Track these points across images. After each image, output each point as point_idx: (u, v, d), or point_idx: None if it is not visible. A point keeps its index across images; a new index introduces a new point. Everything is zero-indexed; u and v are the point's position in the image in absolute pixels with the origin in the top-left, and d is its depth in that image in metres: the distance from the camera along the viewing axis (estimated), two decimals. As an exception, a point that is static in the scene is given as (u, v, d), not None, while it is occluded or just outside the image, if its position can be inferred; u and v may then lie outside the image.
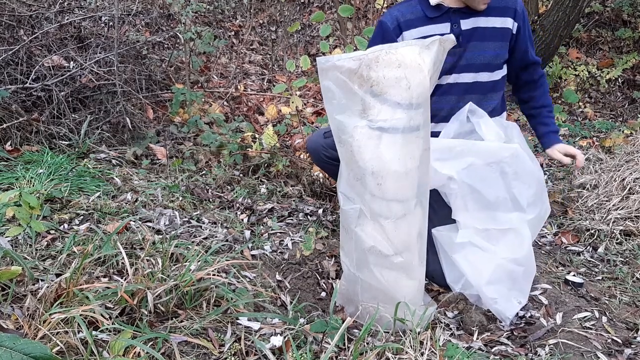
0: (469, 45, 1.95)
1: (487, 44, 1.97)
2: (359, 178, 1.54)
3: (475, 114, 1.88)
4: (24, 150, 2.52)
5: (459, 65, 1.96)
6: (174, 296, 1.49)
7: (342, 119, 1.50)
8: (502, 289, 1.79)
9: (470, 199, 1.82)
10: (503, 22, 1.97)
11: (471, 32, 1.94)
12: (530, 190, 1.81)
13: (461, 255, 1.83)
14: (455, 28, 1.92)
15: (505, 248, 1.81)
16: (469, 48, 1.95)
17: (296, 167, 2.80)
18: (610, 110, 4.56)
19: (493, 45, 1.97)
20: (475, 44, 1.95)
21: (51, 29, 3.09)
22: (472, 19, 1.94)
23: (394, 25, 1.93)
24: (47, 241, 1.81)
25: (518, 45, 2.03)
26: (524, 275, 1.82)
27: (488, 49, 1.97)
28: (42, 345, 1.07)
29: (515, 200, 1.80)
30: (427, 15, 1.92)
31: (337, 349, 1.49)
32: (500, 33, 1.97)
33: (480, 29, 1.95)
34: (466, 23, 1.94)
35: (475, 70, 1.97)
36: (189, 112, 3.18)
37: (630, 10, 4.85)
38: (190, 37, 3.31)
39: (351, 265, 1.68)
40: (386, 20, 1.95)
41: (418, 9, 1.94)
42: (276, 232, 2.20)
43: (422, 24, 1.93)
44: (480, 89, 1.99)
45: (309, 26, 5.25)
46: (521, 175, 1.80)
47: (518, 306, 1.80)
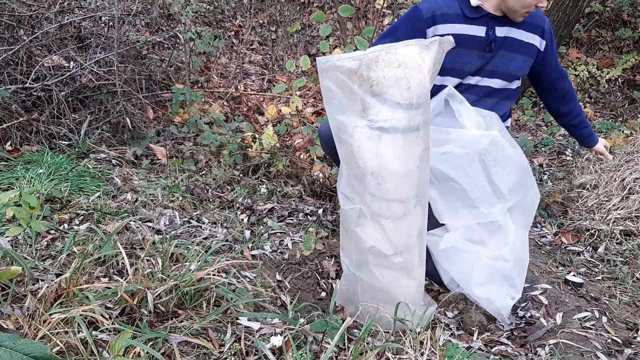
0: (498, 53, 2.00)
1: (514, 55, 2.02)
2: (359, 178, 1.54)
3: (455, 99, 1.87)
4: (24, 150, 2.52)
5: (484, 70, 2.01)
6: (174, 296, 1.49)
7: (342, 118, 1.50)
8: (492, 288, 1.78)
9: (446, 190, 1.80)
10: (531, 38, 2.03)
11: (503, 40, 1.99)
12: (511, 177, 1.79)
13: (448, 261, 1.83)
14: (490, 34, 1.96)
15: (489, 246, 1.80)
16: (498, 55, 2.00)
17: (296, 167, 2.80)
18: (610, 110, 4.56)
19: (519, 58, 2.03)
20: (504, 52, 2.01)
21: (51, 29, 3.09)
22: (506, 28, 1.99)
23: (428, 15, 1.94)
24: (47, 241, 1.81)
25: (547, 61, 2.10)
26: (513, 269, 1.80)
27: (514, 60, 2.03)
28: (42, 345, 1.07)
29: (496, 188, 1.78)
30: (465, 15, 1.94)
31: (337, 349, 1.49)
32: (526, 47, 2.03)
33: (510, 39, 2.00)
34: (500, 30, 1.98)
35: (498, 77, 2.03)
36: (189, 112, 3.18)
37: (630, 10, 4.85)
38: (190, 37, 3.31)
39: (351, 266, 1.68)
40: (422, 7, 1.95)
41: (457, 6, 1.95)
42: (276, 232, 2.20)
43: (459, 21, 1.94)
44: (498, 95, 2.06)
45: (309, 26, 5.26)
46: (501, 162, 1.78)
47: (511, 302, 1.79)
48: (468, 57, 1.97)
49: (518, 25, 1.99)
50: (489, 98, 2.04)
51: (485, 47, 1.97)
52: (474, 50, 1.96)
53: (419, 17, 1.94)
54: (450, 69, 1.97)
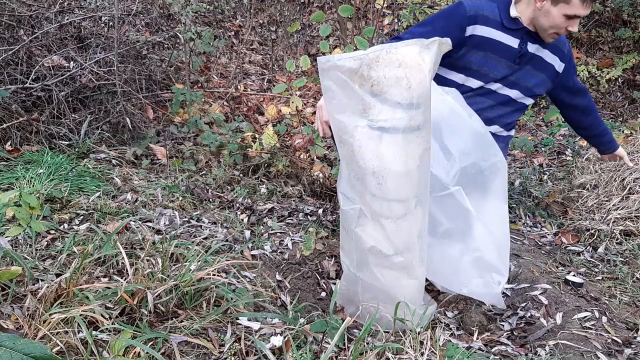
0: (525, 67, 2.06)
1: (536, 73, 2.08)
2: (360, 178, 1.54)
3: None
4: (24, 150, 2.52)
5: (508, 80, 2.06)
6: (174, 296, 1.49)
7: (343, 118, 1.50)
8: (477, 282, 1.78)
9: None
10: (552, 59, 2.09)
11: (532, 56, 2.05)
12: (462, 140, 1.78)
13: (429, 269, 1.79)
14: (522, 47, 2.02)
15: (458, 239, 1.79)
16: (524, 69, 2.06)
17: (296, 167, 2.80)
18: (611, 110, 4.56)
19: (540, 76, 2.10)
20: (529, 68, 2.07)
21: (51, 29, 3.09)
22: (537, 46, 2.05)
23: (472, 13, 1.97)
24: (47, 241, 1.81)
25: (563, 82, 2.18)
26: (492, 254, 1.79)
27: (536, 77, 2.09)
28: (42, 345, 1.07)
29: (446, 149, 1.76)
30: (503, 23, 1.99)
31: (337, 349, 1.49)
32: (547, 67, 2.10)
33: (537, 57, 2.06)
34: (532, 47, 2.04)
35: (518, 89, 2.09)
36: (189, 112, 3.18)
37: (630, 10, 4.85)
38: (190, 37, 3.31)
39: (351, 266, 1.68)
40: (467, 5, 1.98)
41: (497, 13, 1.99)
42: (276, 232, 2.20)
43: (496, 27, 1.99)
44: (513, 106, 2.13)
45: (309, 26, 5.26)
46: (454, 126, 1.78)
47: (499, 287, 1.78)
48: (497, 65, 2.02)
49: (547, 46, 2.06)
50: (504, 106, 2.11)
51: (515, 58, 2.03)
52: (504, 59, 2.02)
53: (462, 13, 1.97)
54: (476, 71, 2.03)
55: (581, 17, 1.92)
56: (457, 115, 1.78)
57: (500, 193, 1.83)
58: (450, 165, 1.76)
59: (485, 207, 1.80)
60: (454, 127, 1.78)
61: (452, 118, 1.78)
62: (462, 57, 2.01)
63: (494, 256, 1.79)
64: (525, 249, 2.27)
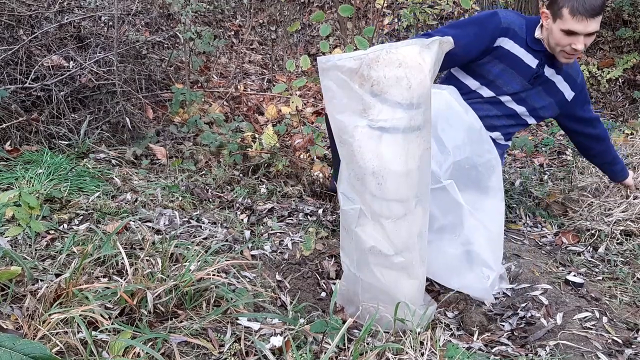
0: (537, 89, 2.10)
1: (546, 96, 2.13)
2: (360, 178, 1.54)
3: None
4: (23, 150, 2.52)
5: (518, 96, 2.09)
6: (173, 296, 1.49)
7: (343, 118, 1.50)
8: (465, 275, 1.79)
9: None
10: (564, 87, 2.13)
11: (547, 81, 2.09)
12: (458, 135, 1.78)
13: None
14: (540, 68, 2.05)
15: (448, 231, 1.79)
16: (536, 91, 2.10)
17: (296, 167, 2.79)
18: (611, 110, 4.56)
19: (548, 100, 2.14)
20: (540, 90, 2.11)
21: (51, 29, 3.09)
22: (552, 70, 2.09)
23: (504, 26, 2.00)
24: (47, 241, 1.81)
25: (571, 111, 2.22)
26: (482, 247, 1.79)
27: (543, 100, 2.13)
28: (42, 346, 1.07)
29: (441, 142, 1.77)
30: (527, 42, 2.02)
31: (337, 349, 1.48)
32: (557, 93, 2.14)
33: (553, 85, 2.11)
34: (548, 70, 2.08)
35: (525, 106, 2.13)
36: (189, 112, 3.18)
37: (630, 10, 4.85)
38: (190, 37, 3.31)
39: (351, 266, 1.68)
40: (502, 16, 2.01)
41: (524, 30, 2.03)
42: (276, 232, 2.20)
43: (521, 45, 2.03)
44: (516, 120, 2.17)
45: (309, 26, 5.25)
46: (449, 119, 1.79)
47: (488, 280, 1.79)
48: (512, 80, 2.05)
49: (562, 74, 2.10)
50: (509, 118, 2.14)
51: (531, 78, 2.06)
52: (520, 77, 2.05)
53: (497, 24, 1.99)
54: (492, 82, 2.06)
55: (582, 34, 1.90)
56: (453, 110, 1.80)
57: (496, 190, 1.83)
58: (444, 159, 1.77)
59: (480, 203, 1.81)
60: (449, 121, 1.79)
61: (447, 112, 1.79)
62: (483, 66, 2.03)
63: (486, 251, 1.80)
64: (526, 249, 2.27)
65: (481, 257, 1.80)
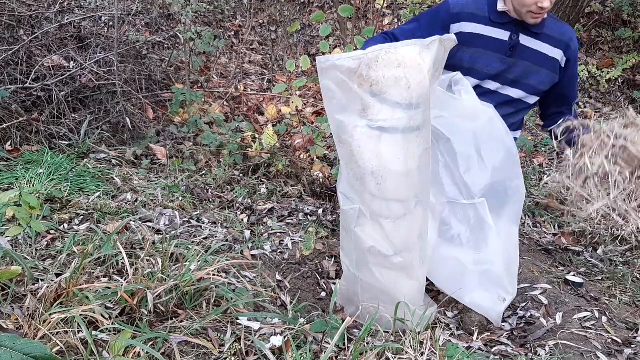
0: (521, 62, 2.00)
1: (537, 68, 2.02)
2: (359, 178, 1.54)
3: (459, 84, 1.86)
4: (24, 150, 2.52)
5: (506, 78, 2.01)
6: (174, 296, 1.49)
7: (342, 118, 1.50)
8: (482, 294, 1.77)
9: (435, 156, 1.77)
10: (554, 53, 2.03)
11: (527, 50, 2.00)
12: (498, 155, 1.77)
13: (432, 269, 1.80)
14: (514, 39, 1.98)
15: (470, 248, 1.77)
16: (520, 65, 2.00)
17: (296, 167, 2.80)
18: (611, 110, 4.56)
19: (542, 72, 2.03)
20: (528, 64, 2.01)
21: (51, 29, 3.09)
22: (531, 39, 2.00)
23: (456, 10, 1.97)
24: (47, 241, 1.81)
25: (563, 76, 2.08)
26: (501, 269, 1.78)
27: (538, 74, 2.03)
28: (42, 345, 1.07)
29: (481, 161, 1.76)
30: (490, 18, 1.97)
31: (337, 349, 1.49)
32: (549, 62, 2.03)
33: (536, 52, 2.00)
34: (525, 39, 1.99)
35: (519, 87, 2.03)
36: (189, 112, 3.18)
37: (630, 10, 4.85)
38: (190, 37, 3.31)
39: (351, 266, 1.68)
40: (452, 2, 1.99)
41: (484, 8, 1.98)
42: (276, 232, 2.20)
43: (484, 23, 1.97)
44: (515, 106, 2.07)
45: (309, 26, 5.25)
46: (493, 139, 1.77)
47: (503, 304, 1.78)
48: (489, 60, 1.99)
49: (543, 39, 2.01)
50: (506, 107, 2.06)
51: (507, 50, 1.99)
52: (497, 54, 1.98)
53: (446, 10, 1.98)
54: (469, 69, 2.00)
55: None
56: (496, 129, 1.78)
57: (516, 216, 1.83)
58: (482, 177, 1.75)
59: (503, 226, 1.80)
60: (491, 140, 1.77)
61: (491, 131, 1.77)
62: (453, 56, 1.97)
63: (505, 273, 1.79)
64: (525, 249, 2.27)
65: (499, 278, 1.78)
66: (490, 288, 1.78)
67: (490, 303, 1.76)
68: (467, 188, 1.74)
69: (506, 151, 1.79)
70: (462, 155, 1.75)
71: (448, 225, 1.79)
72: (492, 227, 1.75)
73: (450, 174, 1.77)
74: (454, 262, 1.78)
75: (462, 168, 1.75)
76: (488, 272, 1.77)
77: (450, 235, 1.79)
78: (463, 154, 1.75)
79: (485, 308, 1.76)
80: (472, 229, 1.77)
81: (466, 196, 1.75)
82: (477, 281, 1.77)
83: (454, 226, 1.78)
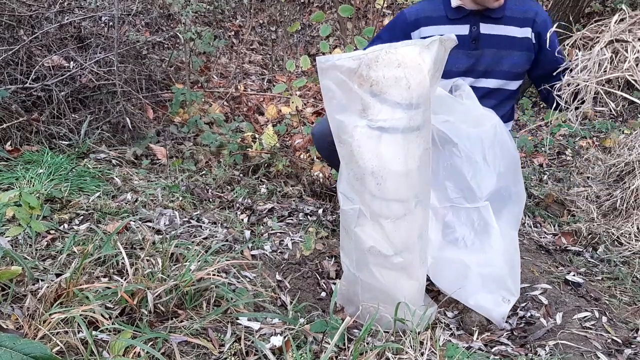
0: (487, 51, 1.98)
1: (507, 52, 1.99)
2: (359, 178, 1.54)
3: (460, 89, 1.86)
4: (24, 150, 2.52)
5: (477, 70, 1.99)
6: (174, 296, 1.49)
7: (342, 118, 1.50)
8: (486, 296, 1.77)
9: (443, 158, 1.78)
10: (523, 33, 1.99)
11: (490, 37, 1.97)
12: (503, 161, 1.78)
13: (436, 271, 1.80)
14: (474, 30, 1.95)
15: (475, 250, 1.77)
16: (488, 54, 1.98)
17: (296, 167, 2.80)
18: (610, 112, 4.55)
19: (514, 54, 2.00)
20: (495, 51, 1.98)
21: (51, 29, 3.09)
22: (492, 25, 1.97)
23: (412, 18, 1.97)
24: (47, 241, 1.81)
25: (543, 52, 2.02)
26: (505, 271, 1.78)
27: (508, 57, 2.00)
28: (42, 345, 1.07)
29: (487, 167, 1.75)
30: (447, 16, 1.96)
31: (337, 349, 1.49)
32: (518, 43, 2.00)
33: (501, 37, 1.97)
34: (486, 27, 1.96)
35: (494, 76, 2.01)
36: (189, 112, 3.18)
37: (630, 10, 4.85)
38: (190, 37, 3.31)
39: (351, 266, 1.68)
40: (407, 12, 1.99)
41: (440, 7, 1.97)
42: (276, 232, 2.20)
43: (442, 23, 1.97)
44: (496, 96, 2.04)
45: (309, 26, 5.26)
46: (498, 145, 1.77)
47: (507, 306, 1.77)
48: (455, 58, 1.94)
49: (507, 22, 1.97)
50: (487, 99, 2.02)
51: (470, 44, 1.96)
52: (461, 50, 1.95)
53: (403, 21, 1.99)
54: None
55: None
56: (501, 137, 1.78)
57: (516, 219, 1.84)
58: (489, 182, 1.75)
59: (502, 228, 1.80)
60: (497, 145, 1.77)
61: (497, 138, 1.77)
62: None
63: (508, 275, 1.79)
64: (525, 249, 2.27)
65: (503, 279, 1.78)
66: (494, 290, 1.78)
67: (493, 304, 1.76)
68: (472, 192, 1.75)
69: (511, 158, 1.80)
70: (469, 160, 1.75)
71: (452, 229, 1.80)
72: (496, 230, 1.76)
73: (454, 178, 1.78)
74: (458, 265, 1.78)
75: (468, 173, 1.75)
76: (492, 274, 1.77)
77: (454, 237, 1.79)
78: (470, 159, 1.75)
79: (489, 309, 1.76)
80: (476, 232, 1.78)
81: (470, 200, 1.76)
82: (481, 283, 1.77)
83: (458, 229, 1.79)
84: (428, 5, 2.00)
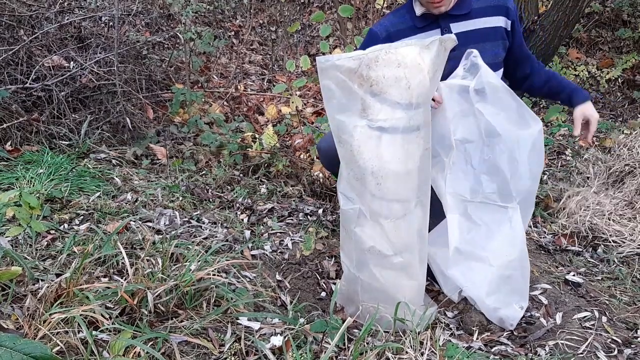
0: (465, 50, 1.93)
1: (485, 44, 1.96)
2: (359, 178, 1.54)
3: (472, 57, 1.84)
4: (24, 150, 2.52)
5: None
6: (174, 296, 1.49)
7: (342, 118, 1.50)
8: (502, 297, 1.76)
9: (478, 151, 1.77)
10: (496, 21, 1.97)
11: (465, 35, 1.93)
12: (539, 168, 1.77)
13: (456, 271, 1.80)
14: (445, 32, 1.92)
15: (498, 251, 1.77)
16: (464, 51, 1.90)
17: (296, 167, 2.80)
18: (610, 111, 4.56)
19: (490, 45, 1.97)
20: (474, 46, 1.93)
21: (51, 29, 3.09)
22: (464, 22, 1.94)
23: (383, 35, 1.94)
24: (47, 241, 1.81)
25: (514, 41, 2.02)
26: (521, 276, 1.79)
27: (486, 50, 1.96)
28: (42, 345, 1.07)
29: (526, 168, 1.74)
30: (416, 26, 1.93)
31: (337, 348, 1.49)
32: (495, 32, 1.97)
33: (475, 32, 1.94)
34: (458, 26, 1.93)
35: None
36: (189, 112, 3.18)
37: (630, 10, 4.86)
38: (190, 37, 3.31)
39: (351, 266, 1.68)
40: (377, 29, 1.96)
41: (406, 18, 1.94)
42: (276, 232, 2.20)
43: (413, 33, 1.93)
44: None
45: (309, 26, 5.25)
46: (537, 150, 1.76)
47: (521, 312, 1.77)
48: None
49: (478, 15, 1.94)
50: None
51: None
52: None
53: (376, 39, 1.93)
54: None
55: None
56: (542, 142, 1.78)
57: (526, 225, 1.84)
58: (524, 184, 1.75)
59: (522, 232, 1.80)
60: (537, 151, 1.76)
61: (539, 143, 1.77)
62: None
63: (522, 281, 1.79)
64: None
65: (519, 285, 1.78)
66: (512, 292, 1.78)
67: (507, 307, 1.76)
68: (508, 191, 1.74)
69: (542, 165, 1.80)
70: (511, 159, 1.74)
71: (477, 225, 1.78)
72: (521, 234, 1.75)
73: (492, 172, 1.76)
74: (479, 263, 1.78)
75: (508, 171, 1.74)
76: (512, 277, 1.77)
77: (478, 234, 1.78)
78: (512, 157, 1.74)
79: (502, 312, 1.75)
80: (500, 232, 1.77)
81: (504, 199, 1.75)
82: (500, 284, 1.77)
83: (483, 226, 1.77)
84: (394, 18, 1.97)
